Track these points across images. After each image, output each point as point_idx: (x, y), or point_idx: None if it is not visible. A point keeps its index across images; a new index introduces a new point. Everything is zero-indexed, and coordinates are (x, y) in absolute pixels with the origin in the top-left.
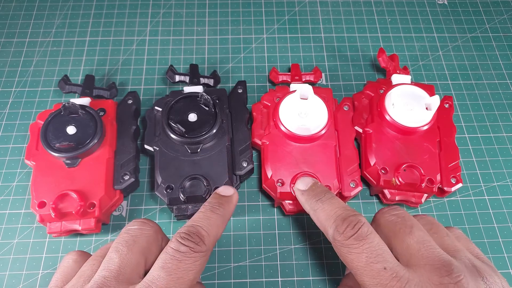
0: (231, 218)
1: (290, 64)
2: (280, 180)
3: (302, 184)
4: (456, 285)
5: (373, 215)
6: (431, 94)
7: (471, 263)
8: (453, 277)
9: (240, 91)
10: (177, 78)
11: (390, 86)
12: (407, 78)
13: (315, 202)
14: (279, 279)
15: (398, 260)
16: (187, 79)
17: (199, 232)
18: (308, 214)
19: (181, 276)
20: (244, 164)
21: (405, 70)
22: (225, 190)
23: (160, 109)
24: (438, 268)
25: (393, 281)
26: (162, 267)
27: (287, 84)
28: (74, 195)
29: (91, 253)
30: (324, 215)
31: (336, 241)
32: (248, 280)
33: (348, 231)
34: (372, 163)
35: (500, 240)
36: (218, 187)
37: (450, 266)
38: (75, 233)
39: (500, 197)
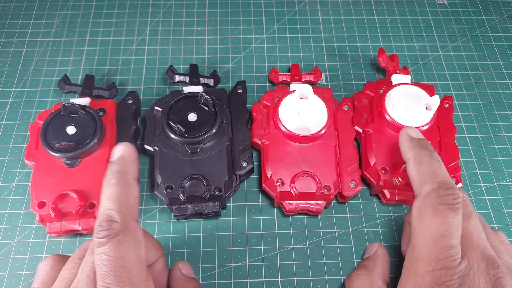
0: (231, 218)
1: (290, 64)
2: (280, 180)
3: (414, 132)
4: (498, 280)
5: (374, 215)
6: (431, 94)
7: (511, 264)
8: (497, 271)
9: (240, 91)
10: (177, 78)
11: (390, 86)
12: (407, 78)
13: (425, 154)
14: (279, 279)
15: None
16: (187, 79)
17: (107, 215)
18: (308, 213)
19: (121, 265)
20: (244, 164)
21: (405, 70)
22: (115, 153)
23: (160, 109)
24: (487, 259)
25: (449, 258)
26: (100, 272)
27: (287, 84)
28: (74, 195)
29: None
30: (429, 170)
31: (429, 198)
32: (248, 280)
33: (449, 199)
34: (372, 163)
35: None
36: (218, 187)
37: (496, 262)
38: (75, 233)
39: (500, 197)
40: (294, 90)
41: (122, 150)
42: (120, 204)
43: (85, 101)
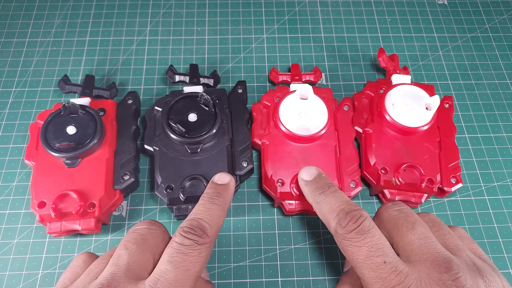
0: (231, 218)
1: (290, 64)
2: (280, 180)
3: (306, 174)
4: (454, 282)
5: (374, 215)
6: (431, 94)
7: (472, 261)
8: (451, 273)
9: (240, 91)
10: (177, 78)
11: (390, 86)
12: (407, 78)
13: (318, 194)
14: (279, 279)
15: (399, 255)
16: (187, 79)
17: (201, 225)
18: (308, 213)
19: (188, 268)
20: (244, 164)
21: (405, 70)
22: (222, 178)
23: (160, 109)
24: (438, 264)
25: (392, 275)
26: (169, 261)
27: (287, 84)
28: (74, 195)
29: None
30: (327, 208)
31: (338, 234)
32: (248, 280)
33: (350, 225)
34: (372, 163)
35: (500, 240)
36: None
37: (450, 263)
38: (75, 233)
39: (500, 197)
40: (294, 90)
41: (231, 180)
42: (215, 224)
43: (85, 101)
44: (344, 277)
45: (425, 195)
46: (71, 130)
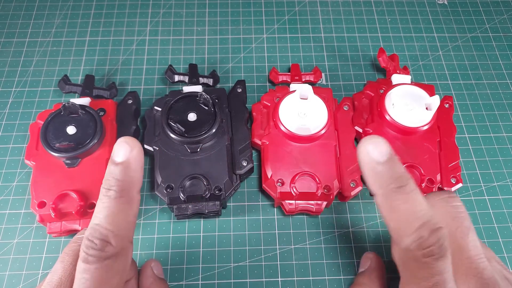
0: (231, 218)
1: (290, 64)
2: (280, 180)
3: (377, 152)
4: None
5: (374, 215)
6: (431, 94)
7: (502, 274)
8: None
9: (239, 90)
10: (176, 78)
11: (390, 86)
12: (407, 78)
13: (396, 189)
14: (279, 279)
15: None
16: (186, 79)
17: (102, 234)
18: (308, 213)
19: (101, 286)
20: (244, 163)
21: (405, 70)
22: (119, 151)
23: (160, 109)
24: (487, 284)
25: None
26: (79, 285)
27: (287, 84)
28: (74, 195)
29: None
30: (405, 214)
31: (411, 252)
32: (248, 280)
33: (434, 249)
34: None
35: (500, 240)
36: (218, 186)
37: (497, 285)
38: (75, 233)
39: (500, 197)
40: (294, 90)
41: (128, 151)
42: (118, 225)
43: (85, 101)
44: (360, 278)
45: (425, 195)
46: (71, 130)
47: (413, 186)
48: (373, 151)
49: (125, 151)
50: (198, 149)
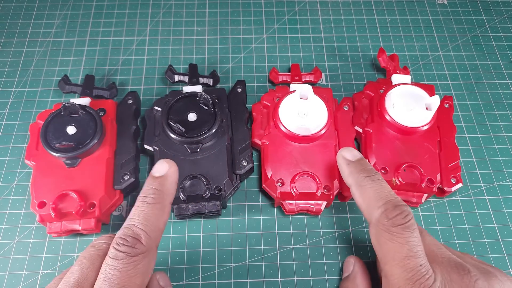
0: (231, 218)
1: (290, 64)
2: (280, 180)
3: (349, 154)
4: (475, 283)
5: None
6: (431, 94)
7: (478, 265)
8: (471, 275)
9: (239, 90)
10: (176, 78)
11: (390, 86)
12: (407, 78)
13: (364, 177)
14: (279, 279)
15: None
16: (186, 79)
17: (135, 233)
18: (308, 213)
19: (124, 284)
20: (244, 163)
21: (405, 70)
22: (160, 168)
23: (160, 109)
24: (456, 267)
25: (423, 278)
26: (104, 279)
27: (287, 84)
28: (74, 195)
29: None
30: (372, 193)
31: (380, 224)
32: (248, 280)
33: (399, 219)
34: (372, 163)
35: (500, 240)
36: (218, 186)
37: (466, 267)
38: (75, 233)
39: (500, 197)
40: (294, 90)
41: (167, 169)
42: (151, 227)
43: (85, 101)
44: (345, 283)
45: (425, 195)
46: (71, 130)
47: (381, 177)
48: (347, 154)
49: (164, 168)
50: (198, 149)
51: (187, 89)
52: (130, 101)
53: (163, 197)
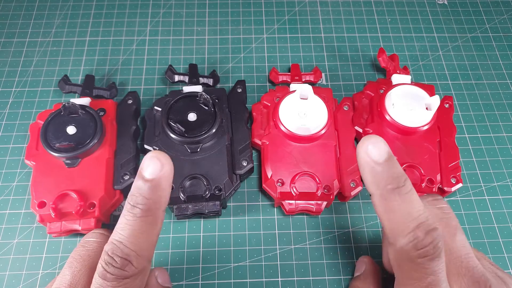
0: (231, 218)
1: (290, 64)
2: (280, 180)
3: (376, 152)
4: None
5: (374, 215)
6: (431, 94)
7: (494, 272)
8: None
9: (239, 90)
10: (176, 78)
11: (390, 86)
12: (407, 78)
13: (392, 190)
14: (279, 279)
15: None
16: (186, 79)
17: (124, 253)
18: (308, 213)
19: None
20: (244, 163)
21: (405, 70)
22: (150, 167)
23: (160, 109)
24: (478, 282)
25: None
26: None
27: (287, 84)
28: (74, 195)
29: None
30: (401, 214)
31: (406, 252)
32: (248, 280)
33: (429, 250)
34: None
35: (500, 240)
36: (218, 186)
37: (488, 281)
38: (75, 233)
39: (500, 197)
40: (294, 90)
41: (159, 169)
42: (141, 245)
43: (85, 101)
44: (355, 282)
45: (425, 195)
46: (71, 130)
47: (410, 187)
48: (372, 151)
49: (156, 167)
50: (198, 149)
51: (187, 89)
52: (130, 101)
53: (155, 207)
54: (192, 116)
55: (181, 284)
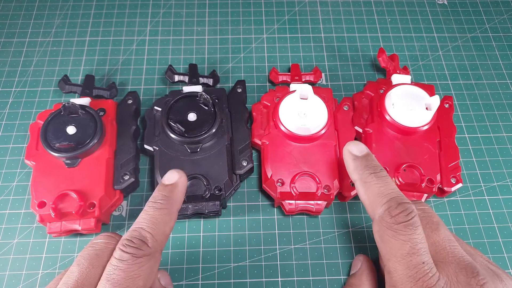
0: (231, 218)
1: (290, 64)
2: (280, 180)
3: (356, 149)
4: (481, 287)
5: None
6: (431, 94)
7: (486, 266)
8: (479, 279)
9: (239, 90)
10: (176, 78)
11: (390, 86)
12: (407, 78)
13: (369, 174)
14: (279, 279)
15: None
16: (186, 79)
17: (141, 235)
18: (308, 213)
19: (127, 285)
20: (244, 163)
21: (405, 70)
22: (170, 177)
23: (160, 109)
24: (464, 268)
25: (426, 277)
26: (107, 279)
27: (287, 84)
28: (74, 195)
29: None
30: (376, 190)
31: (383, 221)
32: (248, 280)
33: (401, 216)
34: None
35: (500, 240)
36: (218, 186)
37: (475, 269)
38: (75, 233)
39: (500, 197)
40: (294, 90)
41: (178, 178)
42: (158, 231)
43: (85, 101)
44: (351, 279)
45: (425, 195)
46: (71, 130)
47: (386, 174)
48: (353, 149)
49: (174, 177)
50: (198, 149)
51: (187, 89)
52: (130, 101)
53: (172, 204)
54: (192, 116)
55: (181, 284)
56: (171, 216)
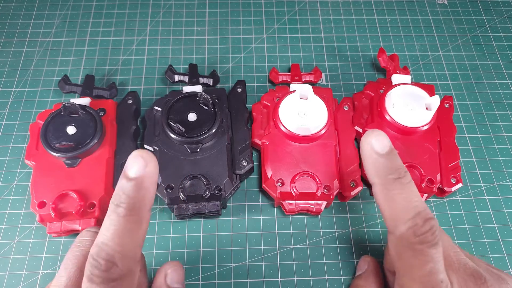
0: (231, 218)
1: (290, 64)
2: (280, 180)
3: (379, 144)
4: None
5: (374, 215)
6: (431, 94)
7: (488, 269)
8: (487, 286)
9: (239, 90)
10: (176, 78)
11: (390, 86)
12: (407, 78)
13: (393, 181)
14: (279, 279)
15: None
16: (186, 78)
17: (108, 254)
18: (308, 213)
19: None
20: (244, 163)
21: (405, 70)
22: (133, 166)
23: (160, 109)
24: (472, 275)
25: None
26: None
27: (287, 84)
28: (74, 195)
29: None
30: (401, 203)
31: (405, 240)
32: (248, 280)
33: (428, 236)
34: None
35: (500, 240)
36: (218, 186)
37: (482, 275)
38: (75, 233)
39: (500, 197)
40: (294, 90)
41: (142, 167)
42: (125, 245)
43: (85, 101)
44: (358, 280)
45: (425, 195)
46: (71, 130)
47: (410, 178)
48: (375, 144)
49: (139, 166)
50: (198, 149)
51: (187, 89)
52: (130, 101)
53: (139, 206)
54: (192, 116)
55: None
56: (141, 222)
